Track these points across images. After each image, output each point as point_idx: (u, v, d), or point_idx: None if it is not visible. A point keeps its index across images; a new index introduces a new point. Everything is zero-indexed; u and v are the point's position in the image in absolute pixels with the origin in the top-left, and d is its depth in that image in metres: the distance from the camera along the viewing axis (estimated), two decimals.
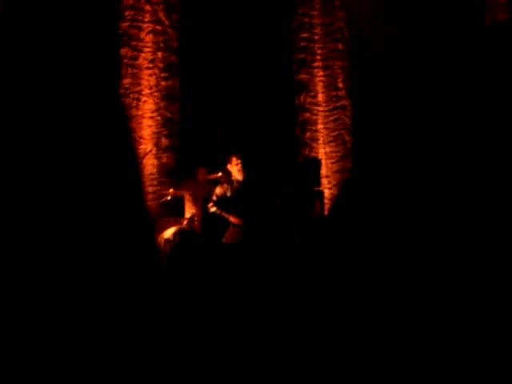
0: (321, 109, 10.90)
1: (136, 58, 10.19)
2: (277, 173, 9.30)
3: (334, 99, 10.91)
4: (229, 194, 8.59)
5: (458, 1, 9.98)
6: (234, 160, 8.75)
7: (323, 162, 10.49)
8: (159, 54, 10.26)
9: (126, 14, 10.22)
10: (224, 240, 8.36)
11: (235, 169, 8.72)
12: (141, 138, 10.07)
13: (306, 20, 10.93)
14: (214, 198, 8.68)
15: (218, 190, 8.69)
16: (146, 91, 10.19)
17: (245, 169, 8.62)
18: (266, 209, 8.48)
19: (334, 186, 10.51)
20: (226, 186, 8.71)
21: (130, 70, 10.18)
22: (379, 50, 10.59)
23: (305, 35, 10.93)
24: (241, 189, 8.55)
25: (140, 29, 10.22)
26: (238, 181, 8.67)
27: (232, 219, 8.49)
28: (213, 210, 8.66)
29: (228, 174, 8.81)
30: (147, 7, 10.23)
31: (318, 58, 10.92)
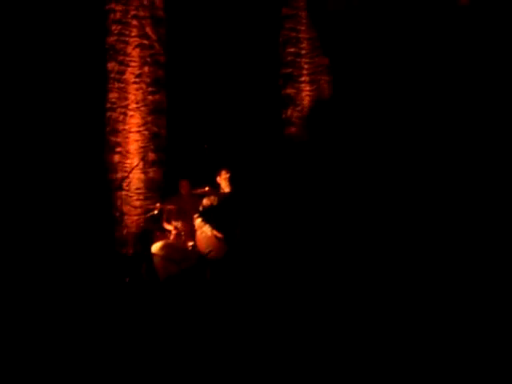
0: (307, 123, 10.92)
1: (123, 73, 10.20)
2: (264, 187, 9.32)
3: None
4: (215, 205, 8.61)
5: None
6: (223, 173, 8.85)
7: None
8: (146, 68, 10.27)
9: (113, 28, 10.25)
10: (210, 254, 8.36)
11: (224, 182, 8.82)
12: (127, 152, 10.07)
13: (293, 34, 10.99)
14: (201, 208, 8.72)
15: (205, 202, 8.75)
16: (133, 105, 10.19)
17: (232, 182, 8.68)
18: (253, 223, 8.49)
19: None
20: (213, 198, 8.75)
21: (116, 85, 10.18)
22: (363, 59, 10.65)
23: (291, 50, 10.98)
24: (228, 202, 8.58)
25: (127, 43, 10.23)
26: (225, 194, 8.73)
27: (215, 232, 8.50)
28: (198, 221, 8.68)
29: (216, 186, 8.86)
30: (134, 22, 10.26)
31: (305, 72, 10.96)
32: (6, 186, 9.33)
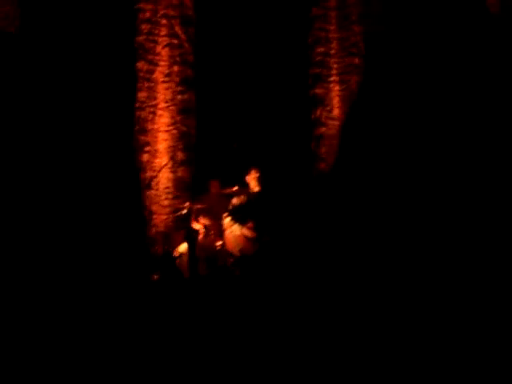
0: (337, 123, 10.85)
1: (152, 72, 10.22)
2: (292, 187, 9.27)
3: None
4: (245, 205, 8.60)
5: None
6: (253, 173, 8.83)
7: None
8: (175, 67, 10.28)
9: (143, 27, 10.27)
10: (238, 252, 8.35)
11: (253, 181, 8.79)
12: (156, 151, 10.07)
13: (323, 34, 10.92)
14: (230, 208, 8.71)
15: (235, 201, 8.74)
16: (162, 105, 10.20)
17: (262, 182, 8.66)
18: (282, 222, 8.44)
19: None
20: (242, 197, 8.74)
21: (146, 84, 10.20)
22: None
23: (321, 50, 10.91)
24: (257, 201, 8.56)
25: (156, 42, 10.25)
26: (254, 193, 8.70)
27: (244, 231, 8.49)
28: (227, 220, 8.67)
29: (246, 185, 8.85)
30: (163, 21, 10.27)
31: (334, 72, 10.89)
32: (38, 186, 9.37)
